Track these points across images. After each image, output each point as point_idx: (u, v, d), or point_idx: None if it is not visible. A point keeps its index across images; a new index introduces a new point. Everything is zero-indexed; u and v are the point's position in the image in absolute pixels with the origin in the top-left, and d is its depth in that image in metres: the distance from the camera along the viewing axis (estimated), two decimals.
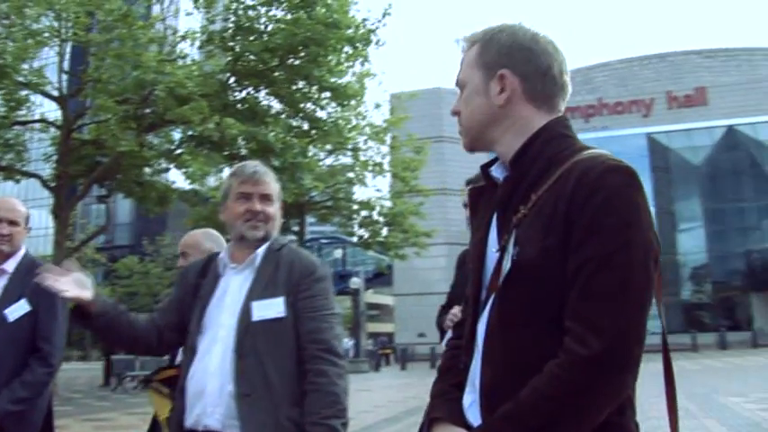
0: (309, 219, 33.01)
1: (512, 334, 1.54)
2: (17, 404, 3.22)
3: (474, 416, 1.62)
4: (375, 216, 29.82)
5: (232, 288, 2.61)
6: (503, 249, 1.58)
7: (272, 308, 2.50)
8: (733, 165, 48.78)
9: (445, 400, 1.75)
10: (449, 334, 3.48)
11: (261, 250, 2.64)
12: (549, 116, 1.68)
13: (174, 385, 2.91)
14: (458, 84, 1.77)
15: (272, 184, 2.71)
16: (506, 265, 1.55)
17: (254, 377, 2.42)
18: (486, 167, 1.78)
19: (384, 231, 29.99)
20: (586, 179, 1.48)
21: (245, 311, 2.50)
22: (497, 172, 1.73)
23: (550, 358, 1.45)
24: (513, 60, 1.66)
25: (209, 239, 3.69)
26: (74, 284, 2.47)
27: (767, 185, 47.56)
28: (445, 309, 3.81)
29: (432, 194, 31.41)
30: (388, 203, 29.65)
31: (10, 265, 3.42)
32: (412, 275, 46.32)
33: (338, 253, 51.27)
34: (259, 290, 2.54)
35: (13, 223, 3.43)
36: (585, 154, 1.56)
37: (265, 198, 2.66)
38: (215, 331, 2.54)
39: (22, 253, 3.49)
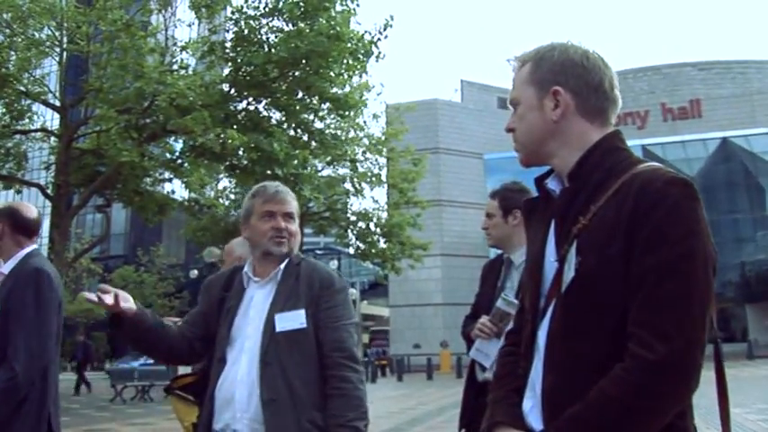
0: (306, 230, 32.99)
1: (574, 341, 1.59)
2: None
3: (535, 420, 1.67)
4: (372, 227, 29.84)
5: (256, 301, 2.77)
6: (562, 259, 1.64)
7: (294, 319, 2.66)
8: (727, 177, 48.97)
9: (506, 404, 1.79)
10: (477, 343, 3.54)
11: (282, 265, 2.80)
12: (603, 129, 1.75)
13: (193, 391, 3.05)
14: (512, 102, 1.84)
15: (293, 203, 2.88)
16: (568, 274, 1.61)
17: (278, 384, 2.58)
18: (540, 180, 1.83)
19: (381, 243, 30.00)
20: (648, 191, 1.54)
21: (269, 323, 2.66)
22: (553, 184, 1.80)
23: (612, 364, 1.51)
24: (566, 77, 1.73)
25: (240, 246, 3.89)
26: (117, 299, 2.61)
27: (762, 197, 47.79)
28: (470, 319, 3.85)
29: (428, 206, 31.42)
30: (384, 215, 29.67)
31: (6, 268, 3.40)
32: (407, 287, 46.24)
33: (334, 264, 51.36)
34: (281, 303, 2.70)
35: None
36: (644, 167, 1.62)
37: (288, 216, 2.83)
38: (242, 342, 2.71)
39: (17, 256, 3.45)
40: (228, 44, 20.31)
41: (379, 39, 19.28)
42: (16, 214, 3.49)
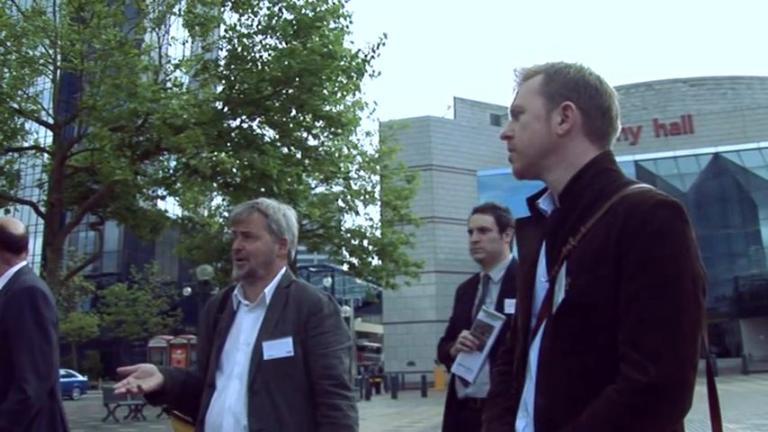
0: (299, 247, 32.96)
1: (565, 361, 1.60)
2: None
3: None
4: (366, 244, 29.83)
5: (245, 327, 2.73)
6: (553, 280, 1.65)
7: (281, 347, 2.61)
8: (720, 192, 49.21)
9: (499, 423, 1.82)
10: (458, 358, 3.53)
11: (269, 289, 2.75)
12: (599, 152, 1.77)
13: (191, 411, 3.00)
14: (514, 109, 1.84)
15: (257, 221, 2.77)
16: (559, 295, 1.62)
17: (266, 413, 2.54)
18: (532, 200, 1.85)
19: (374, 260, 30.00)
20: (637, 212, 1.55)
21: (257, 350, 2.62)
22: (545, 204, 1.81)
23: (603, 384, 1.52)
24: (578, 95, 1.75)
25: None
26: (143, 377, 2.55)
27: (754, 212, 47.97)
28: (445, 340, 3.85)
29: (422, 224, 31.46)
30: (378, 233, 29.67)
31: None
32: (401, 304, 46.18)
33: (327, 281, 51.23)
34: (269, 330, 2.65)
35: None
36: (633, 188, 1.64)
37: (246, 235, 2.75)
38: (231, 368, 2.67)
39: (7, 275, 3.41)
40: (222, 62, 20.34)
41: (372, 57, 19.32)
42: (3, 232, 3.43)
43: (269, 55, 19.16)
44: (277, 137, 20.59)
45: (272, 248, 2.77)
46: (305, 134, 21.02)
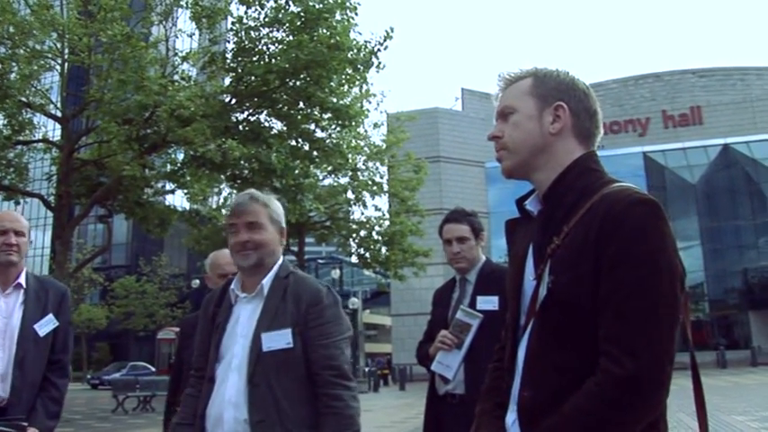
0: (307, 239, 33.05)
1: (549, 356, 1.67)
2: (53, 419, 3.31)
3: None
4: (374, 236, 29.92)
5: (243, 318, 2.70)
6: (539, 278, 1.71)
7: (280, 339, 2.59)
8: (729, 183, 48.97)
9: (490, 417, 1.89)
10: (438, 356, 3.57)
11: (267, 279, 2.72)
12: (585, 152, 1.82)
13: None
14: (503, 110, 1.88)
15: (260, 211, 2.75)
16: (542, 292, 1.69)
17: (266, 404, 2.53)
18: (520, 201, 1.91)
19: (383, 251, 30.10)
20: (614, 211, 1.60)
21: (256, 342, 2.60)
22: (532, 205, 1.87)
23: (585, 377, 1.58)
24: (569, 97, 1.81)
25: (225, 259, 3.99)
26: None
27: (763, 204, 47.71)
28: (425, 342, 3.89)
29: (429, 215, 31.48)
30: (386, 223, 29.76)
31: (22, 280, 3.45)
32: (409, 295, 46.18)
33: (335, 273, 51.33)
34: (267, 321, 2.63)
35: (19, 234, 3.44)
36: (613, 187, 1.68)
37: (251, 226, 2.71)
38: (229, 361, 2.65)
39: (25, 268, 3.52)
40: (229, 54, 20.37)
41: (378, 49, 19.32)
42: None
43: (276, 47, 19.17)
44: (284, 129, 20.62)
45: (276, 238, 2.77)
46: (312, 126, 21.05)
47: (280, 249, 2.80)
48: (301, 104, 19.88)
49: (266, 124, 20.88)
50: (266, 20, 19.27)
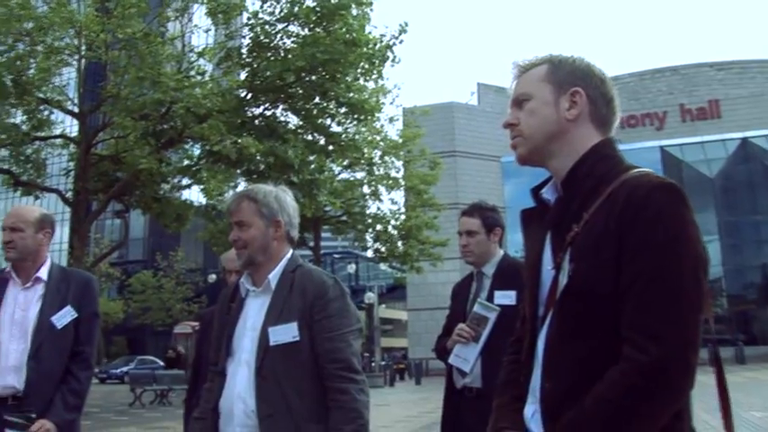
0: (323, 233, 33.13)
1: (570, 346, 1.64)
2: (72, 412, 3.30)
3: (536, 425, 1.72)
4: (390, 230, 29.94)
5: (252, 312, 2.73)
6: (558, 267, 1.68)
7: (287, 333, 2.60)
8: (748, 177, 48.45)
9: (509, 410, 1.87)
10: (455, 349, 3.57)
11: (274, 274, 2.73)
12: (602, 138, 1.79)
13: None
14: (519, 97, 1.85)
15: (245, 208, 2.74)
16: (563, 281, 1.66)
17: (275, 398, 2.54)
18: (536, 190, 1.88)
19: (400, 245, 30.12)
20: (635, 197, 1.58)
21: (264, 336, 2.62)
22: (548, 194, 1.85)
23: (607, 367, 1.55)
24: (587, 83, 1.79)
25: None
26: None
27: None
28: (442, 336, 3.91)
29: (445, 209, 31.45)
30: (402, 217, 29.79)
31: (43, 273, 3.43)
32: (425, 290, 46.18)
33: (351, 268, 51.38)
34: (275, 315, 2.64)
35: (14, 230, 3.39)
36: (633, 173, 1.66)
37: (239, 225, 2.74)
38: (239, 355, 2.67)
39: (48, 261, 3.50)
40: (245, 50, 20.40)
41: (393, 43, 19.29)
42: (53, 222, 3.58)
43: (292, 42, 19.19)
44: (300, 123, 20.65)
45: (265, 233, 2.73)
46: (328, 120, 21.07)
47: (276, 243, 2.77)
48: (317, 99, 19.90)
49: (282, 119, 20.91)
50: (282, 15, 19.28)
